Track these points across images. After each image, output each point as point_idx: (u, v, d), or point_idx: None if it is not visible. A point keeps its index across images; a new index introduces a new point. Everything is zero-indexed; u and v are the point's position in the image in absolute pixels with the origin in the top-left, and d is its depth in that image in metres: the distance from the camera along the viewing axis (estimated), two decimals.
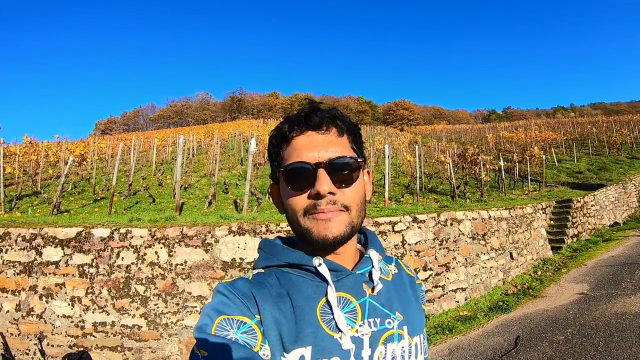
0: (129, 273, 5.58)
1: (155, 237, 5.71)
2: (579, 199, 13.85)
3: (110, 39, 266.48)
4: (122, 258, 5.65)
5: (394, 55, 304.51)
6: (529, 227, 10.66)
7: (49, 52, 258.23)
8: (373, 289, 0.91)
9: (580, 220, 13.30)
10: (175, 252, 5.65)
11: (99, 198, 11.69)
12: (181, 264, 5.59)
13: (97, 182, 14.33)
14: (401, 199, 13.49)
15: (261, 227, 5.87)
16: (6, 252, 5.92)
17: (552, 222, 12.69)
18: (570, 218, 12.55)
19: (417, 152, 14.29)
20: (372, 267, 0.94)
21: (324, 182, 0.84)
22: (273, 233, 5.87)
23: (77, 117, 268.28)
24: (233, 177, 17.18)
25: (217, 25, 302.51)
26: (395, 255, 6.64)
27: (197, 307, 5.45)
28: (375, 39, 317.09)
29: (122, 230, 5.78)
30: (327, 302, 0.85)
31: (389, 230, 6.78)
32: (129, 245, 5.70)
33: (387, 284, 0.96)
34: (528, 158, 19.85)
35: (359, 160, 0.91)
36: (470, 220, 8.24)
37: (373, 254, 0.96)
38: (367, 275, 0.93)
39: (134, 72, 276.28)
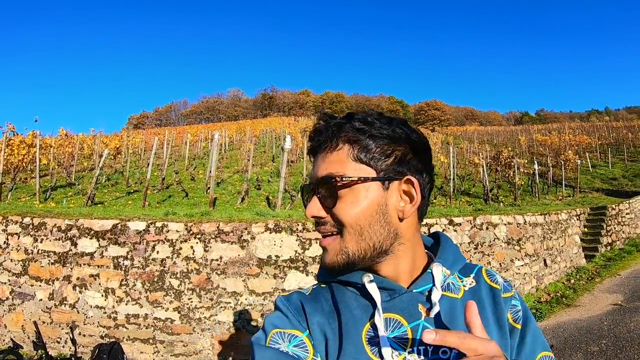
0: (164, 267, 5.56)
1: (191, 232, 5.68)
2: (614, 206, 13.50)
3: (145, 35, 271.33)
4: (158, 251, 5.63)
5: (426, 54, 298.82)
6: (563, 234, 10.41)
7: (87, 46, 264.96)
8: (429, 310, 0.80)
9: (615, 228, 12.96)
10: (210, 247, 5.60)
11: (132, 191, 11.82)
12: (216, 260, 5.55)
13: (131, 175, 14.54)
14: (434, 201, 13.32)
15: (298, 225, 5.78)
16: (41, 242, 5.97)
17: (586, 229, 12.41)
18: (604, 226, 12.25)
19: (451, 153, 14.04)
20: (433, 285, 0.82)
21: (311, 206, 0.82)
22: (310, 232, 5.77)
23: (111, 112, 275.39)
24: (265, 174, 17.21)
25: (250, 23, 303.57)
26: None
27: (230, 303, 5.39)
28: (408, 39, 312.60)
29: (158, 224, 5.77)
30: (375, 324, 0.79)
31: (425, 232, 6.62)
32: (165, 239, 5.68)
33: (453, 304, 0.82)
34: (563, 162, 19.44)
35: (337, 176, 0.79)
36: (505, 224, 8.07)
37: (437, 269, 0.84)
38: (426, 294, 0.82)
39: (168, 69, 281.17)
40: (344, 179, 0.78)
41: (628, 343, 5.42)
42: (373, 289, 0.79)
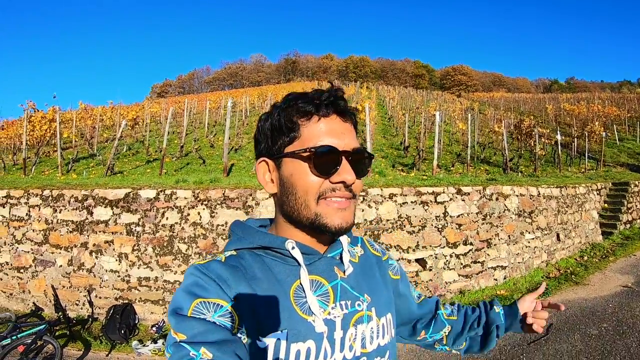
0: (173, 232, 5.80)
1: (198, 199, 5.89)
2: (637, 182, 12.99)
3: (166, 2, 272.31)
4: (167, 218, 5.88)
5: (453, 18, 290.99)
6: (580, 209, 10.14)
7: (108, 16, 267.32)
8: (344, 272, 0.93)
9: (637, 205, 12.47)
10: (217, 213, 5.81)
11: (151, 159, 12.08)
12: (222, 225, 5.75)
13: (151, 144, 14.81)
14: (451, 168, 13.09)
15: None
16: (60, 212, 6.29)
17: (606, 204, 11.98)
18: (625, 202, 11.76)
19: (469, 120, 13.80)
20: (342, 249, 0.95)
21: (349, 171, 0.85)
22: None
23: (134, 82, 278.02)
24: None
25: None
26: (437, 226, 6.55)
27: None
28: (434, 1, 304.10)
29: (168, 192, 5.99)
30: (300, 285, 0.86)
31: (430, 201, 6.67)
32: (174, 205, 5.91)
33: (355, 266, 0.97)
34: (587, 134, 18.71)
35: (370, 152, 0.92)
36: (517, 196, 7.94)
37: (343, 237, 0.96)
38: (338, 258, 0.94)
39: (190, 36, 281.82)
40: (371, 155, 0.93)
41: (629, 329, 5.32)
42: (297, 253, 0.86)
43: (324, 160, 0.85)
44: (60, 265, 6.16)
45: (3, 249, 6.57)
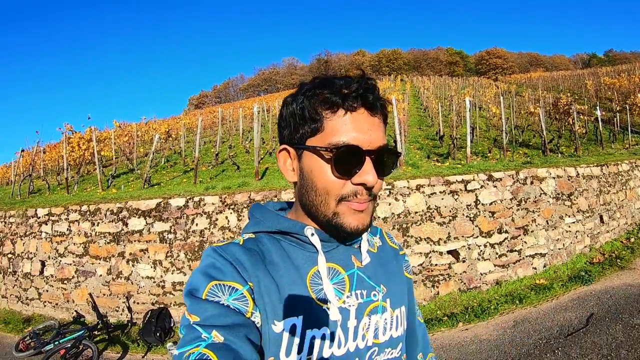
0: (203, 237, 5.94)
1: (225, 203, 6.01)
2: None
3: (196, 16, 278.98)
4: (197, 224, 6.02)
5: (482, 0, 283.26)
6: (624, 187, 9.60)
7: (141, 36, 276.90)
8: (361, 261, 0.92)
9: None
10: (243, 216, 5.90)
11: (188, 169, 12.34)
12: None
13: (188, 155, 15.19)
14: (488, 154, 12.75)
15: None
16: (97, 225, 6.57)
17: None
18: None
19: (502, 104, 13.36)
20: (361, 239, 0.94)
21: (372, 173, 0.81)
22: None
23: (172, 96, 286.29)
24: None
25: None
26: (468, 215, 6.39)
27: None
28: None
29: (196, 199, 6.14)
30: (317, 272, 0.85)
31: (460, 190, 6.50)
32: (202, 212, 6.05)
33: (373, 256, 0.95)
34: (629, 107, 17.74)
35: (398, 151, 0.88)
36: (554, 178, 7.58)
37: None
38: (356, 247, 0.93)
39: (221, 46, 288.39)
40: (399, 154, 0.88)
41: None
42: (316, 240, 0.85)
43: (346, 161, 0.80)
44: (100, 275, 6.43)
45: (48, 262, 6.94)
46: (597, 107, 15.73)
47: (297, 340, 0.79)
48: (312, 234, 0.85)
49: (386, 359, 0.91)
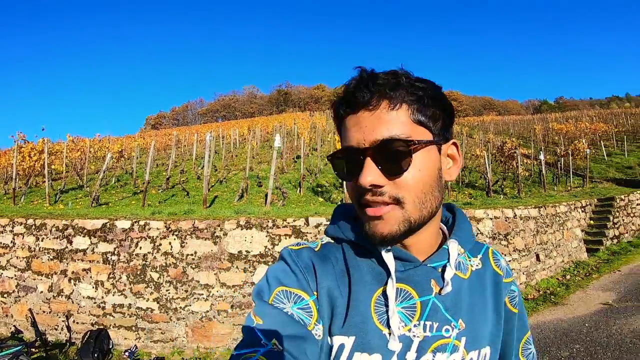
0: (146, 261, 6.05)
1: (170, 229, 6.15)
2: (622, 197, 12.83)
3: (160, 36, 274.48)
4: (140, 247, 6.13)
5: (441, 44, 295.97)
6: (561, 227, 10.17)
7: (101, 49, 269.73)
8: (441, 289, 0.79)
9: (623, 220, 12.44)
10: (186, 243, 6.05)
11: (138, 191, 12.18)
12: (191, 254, 5.99)
13: (139, 176, 14.95)
14: None
15: (268, 222, 6.15)
16: (42, 240, 6.57)
17: (592, 221, 11.95)
18: (611, 218, 11.66)
19: None
20: (448, 262, 0.81)
21: (367, 173, 0.72)
22: (279, 228, 6.14)
23: (130, 113, 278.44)
24: (269, 171, 17.43)
25: (264, 20, 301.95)
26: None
27: (203, 294, 5.85)
28: (421, 30, 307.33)
29: (142, 222, 6.25)
30: (385, 292, 0.77)
31: None
32: (147, 236, 6.16)
33: (461, 284, 0.82)
34: (572, 152, 18.85)
35: (410, 140, 0.72)
36: (491, 219, 8.03)
37: (453, 245, 0.82)
38: (439, 270, 0.81)
39: (183, 68, 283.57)
40: (416, 143, 0.73)
41: (602, 349, 5.23)
42: (389, 258, 0.77)
43: (346, 162, 0.77)
44: (41, 291, 6.41)
45: None
46: (542, 152, 16.59)
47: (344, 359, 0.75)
48: (388, 250, 0.78)
49: None
